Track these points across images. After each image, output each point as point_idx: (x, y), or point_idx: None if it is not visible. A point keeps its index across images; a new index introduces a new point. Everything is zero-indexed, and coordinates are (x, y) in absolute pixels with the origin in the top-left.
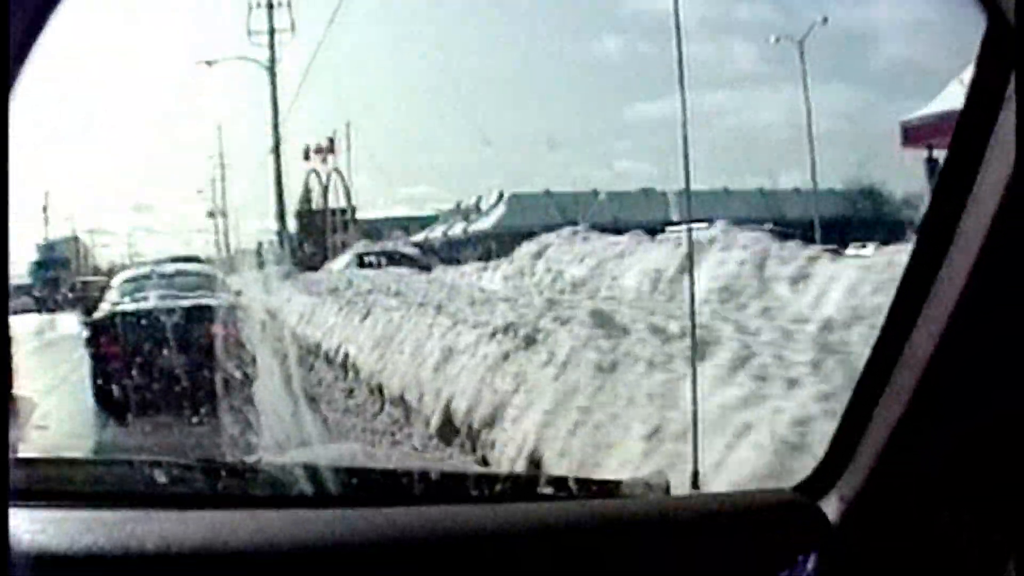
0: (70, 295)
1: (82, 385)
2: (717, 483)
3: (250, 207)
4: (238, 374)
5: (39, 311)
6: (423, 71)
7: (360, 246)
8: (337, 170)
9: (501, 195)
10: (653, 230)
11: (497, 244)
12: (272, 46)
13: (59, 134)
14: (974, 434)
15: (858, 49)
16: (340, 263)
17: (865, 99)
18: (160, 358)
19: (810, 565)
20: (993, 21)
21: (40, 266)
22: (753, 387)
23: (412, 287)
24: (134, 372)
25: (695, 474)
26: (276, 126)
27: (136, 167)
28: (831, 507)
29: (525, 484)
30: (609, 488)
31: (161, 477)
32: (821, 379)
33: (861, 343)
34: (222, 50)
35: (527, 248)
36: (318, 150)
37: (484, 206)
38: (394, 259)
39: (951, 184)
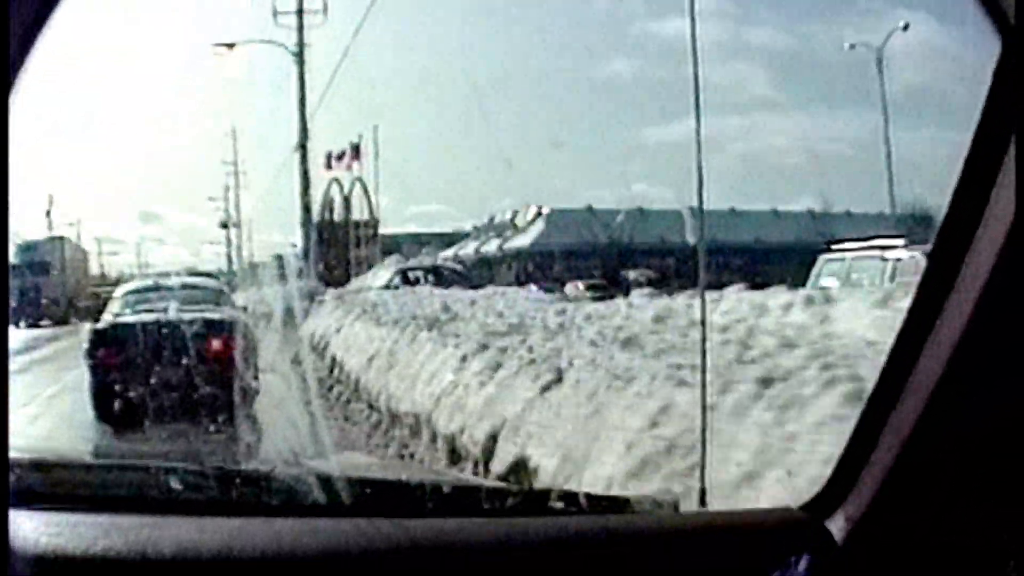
0: (54, 305)
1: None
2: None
3: (265, 217)
4: (241, 390)
5: (16, 324)
6: (437, 90)
7: (393, 260)
8: (360, 179)
9: (539, 211)
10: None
11: (536, 262)
12: (301, 28)
13: (61, 135)
14: (980, 455)
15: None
16: (380, 280)
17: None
18: (159, 371)
19: (802, 566)
20: (1007, 43)
21: (16, 271)
22: None
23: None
24: (132, 384)
25: (703, 491)
26: (304, 121)
27: (144, 170)
28: (837, 526)
29: (536, 498)
30: (619, 504)
31: (176, 483)
32: None
33: None
34: (243, 33)
35: None
36: (340, 156)
37: (520, 222)
38: (441, 277)
39: (964, 205)
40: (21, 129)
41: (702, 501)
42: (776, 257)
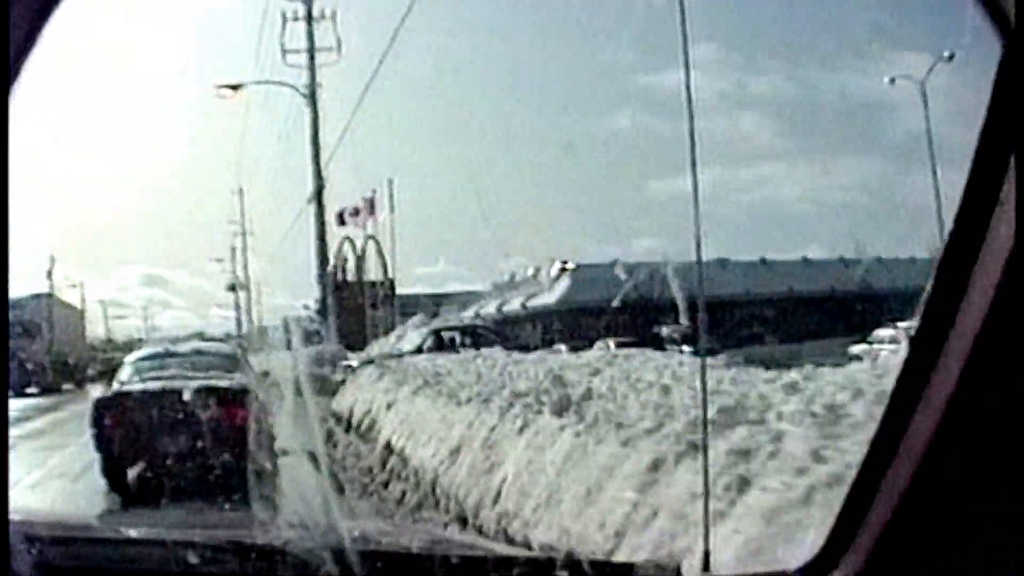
0: (41, 371)
1: None
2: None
3: (274, 278)
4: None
5: None
6: (441, 151)
7: (418, 321)
8: (373, 238)
9: (564, 267)
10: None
11: (563, 320)
12: (313, 67)
13: (62, 195)
14: (973, 519)
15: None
16: (410, 342)
17: None
18: (165, 443)
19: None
20: (1008, 46)
21: None
22: None
23: None
24: (137, 457)
25: (706, 555)
26: (318, 167)
27: (149, 232)
28: None
29: (543, 566)
30: (622, 570)
31: (193, 558)
32: None
33: None
34: (248, 74)
35: None
36: (355, 212)
37: (543, 278)
38: (478, 337)
39: (955, 260)
40: (20, 189)
41: (705, 566)
42: (811, 307)
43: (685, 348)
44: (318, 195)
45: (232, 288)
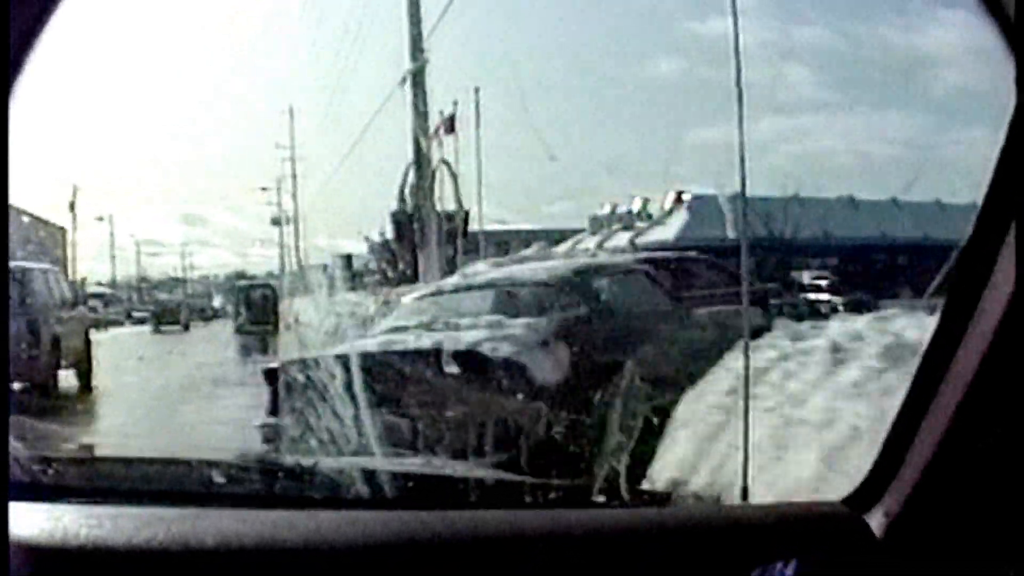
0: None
1: None
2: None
3: (327, 211)
4: None
5: None
6: (489, 93)
7: (532, 254)
8: (445, 160)
9: (679, 197)
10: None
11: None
12: None
13: (89, 119)
14: (1019, 450)
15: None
16: None
17: None
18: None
19: (789, 572)
20: None
21: None
22: None
23: None
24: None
25: (744, 488)
26: (418, 32)
27: (185, 161)
28: (877, 520)
29: (579, 492)
30: (660, 498)
31: (219, 477)
32: None
33: None
34: None
35: None
36: (435, 129)
37: (655, 211)
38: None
39: (1002, 190)
40: (42, 114)
41: (744, 497)
42: (946, 257)
43: (833, 298)
44: (416, 75)
45: (276, 223)
